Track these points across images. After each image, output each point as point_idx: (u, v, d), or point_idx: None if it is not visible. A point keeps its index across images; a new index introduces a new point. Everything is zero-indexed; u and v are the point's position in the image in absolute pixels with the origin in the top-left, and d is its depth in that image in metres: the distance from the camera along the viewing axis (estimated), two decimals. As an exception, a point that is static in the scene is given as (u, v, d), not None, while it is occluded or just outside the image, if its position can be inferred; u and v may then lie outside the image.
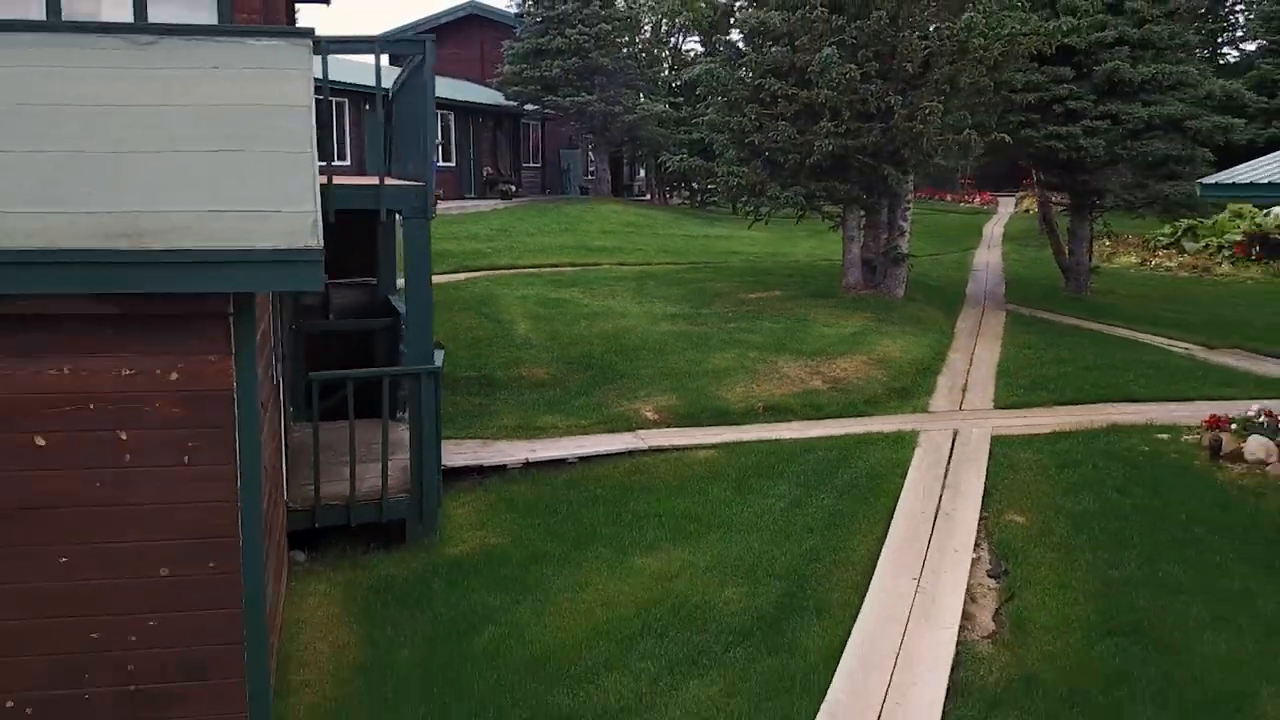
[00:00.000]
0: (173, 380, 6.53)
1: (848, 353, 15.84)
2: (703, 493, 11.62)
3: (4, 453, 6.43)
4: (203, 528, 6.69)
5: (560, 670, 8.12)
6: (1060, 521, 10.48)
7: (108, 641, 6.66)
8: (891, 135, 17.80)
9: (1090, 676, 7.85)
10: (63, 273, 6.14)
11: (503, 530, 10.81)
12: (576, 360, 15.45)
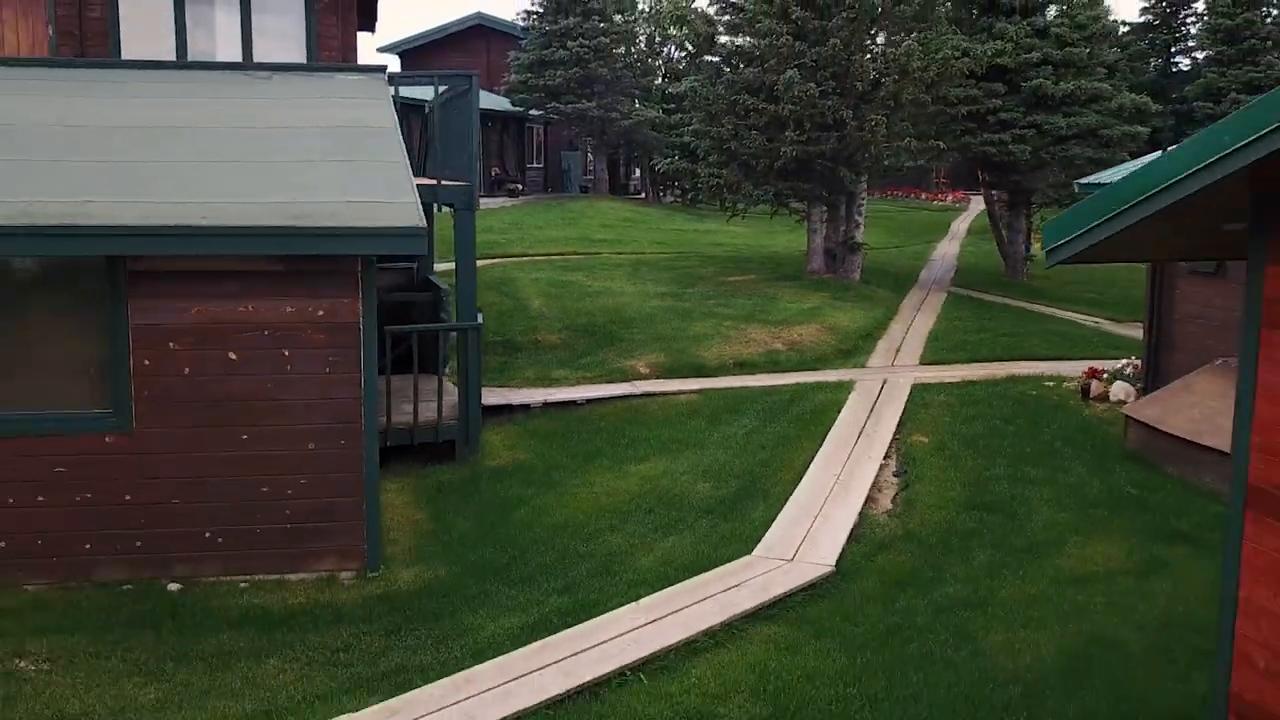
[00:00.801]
0: (319, 315, 9.58)
1: (805, 322, 18.89)
2: (683, 424, 14.66)
3: (209, 362, 9.49)
4: (337, 416, 9.74)
5: (575, 531, 11.17)
6: (953, 440, 13.52)
7: (274, 493, 9.71)
8: (845, 143, 20.82)
9: (952, 533, 10.90)
10: (256, 242, 9.19)
11: (528, 449, 13.85)
12: (582, 329, 18.47)
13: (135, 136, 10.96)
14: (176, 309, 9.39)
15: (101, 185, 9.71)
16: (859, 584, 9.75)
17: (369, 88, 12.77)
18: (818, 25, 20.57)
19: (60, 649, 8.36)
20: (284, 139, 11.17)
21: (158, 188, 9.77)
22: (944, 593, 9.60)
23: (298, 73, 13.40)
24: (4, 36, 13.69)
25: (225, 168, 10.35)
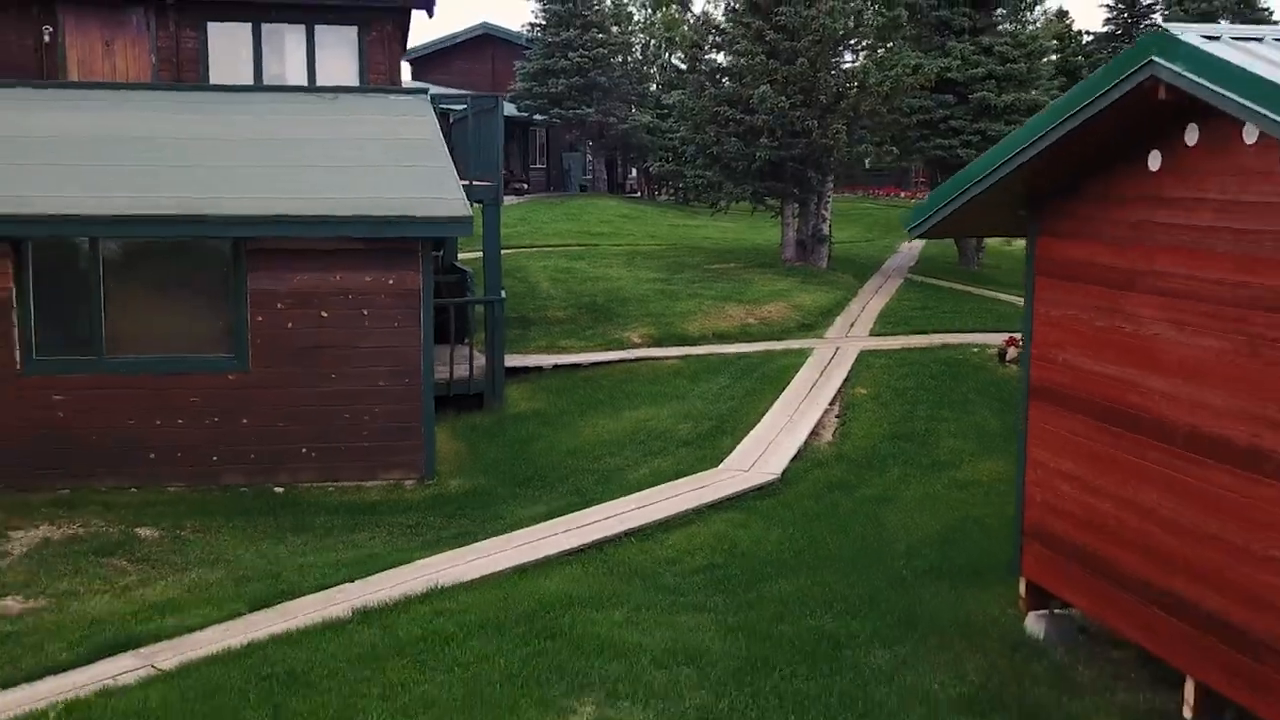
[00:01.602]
0: (390, 284, 12.48)
1: (775, 301, 21.77)
2: (668, 382, 17.54)
3: (306, 319, 12.38)
4: (402, 362, 12.64)
5: (582, 456, 14.07)
6: (887, 392, 16.41)
7: (354, 419, 12.60)
8: (812, 148, 23.68)
9: (875, 455, 13.80)
10: (344, 227, 12.08)
11: (542, 401, 16.75)
12: (584, 307, 21.34)
13: (233, 146, 13.86)
14: (282, 278, 12.27)
15: (221, 184, 12.60)
16: (797, 487, 12.67)
17: (415, 106, 15.67)
18: (788, 46, 23.42)
19: (207, 525, 11.27)
20: (352, 148, 14.06)
21: (263, 186, 12.66)
22: (862, 493, 12.51)
23: (355, 94, 16.32)
24: (116, 64, 16.55)
25: (311, 171, 13.25)
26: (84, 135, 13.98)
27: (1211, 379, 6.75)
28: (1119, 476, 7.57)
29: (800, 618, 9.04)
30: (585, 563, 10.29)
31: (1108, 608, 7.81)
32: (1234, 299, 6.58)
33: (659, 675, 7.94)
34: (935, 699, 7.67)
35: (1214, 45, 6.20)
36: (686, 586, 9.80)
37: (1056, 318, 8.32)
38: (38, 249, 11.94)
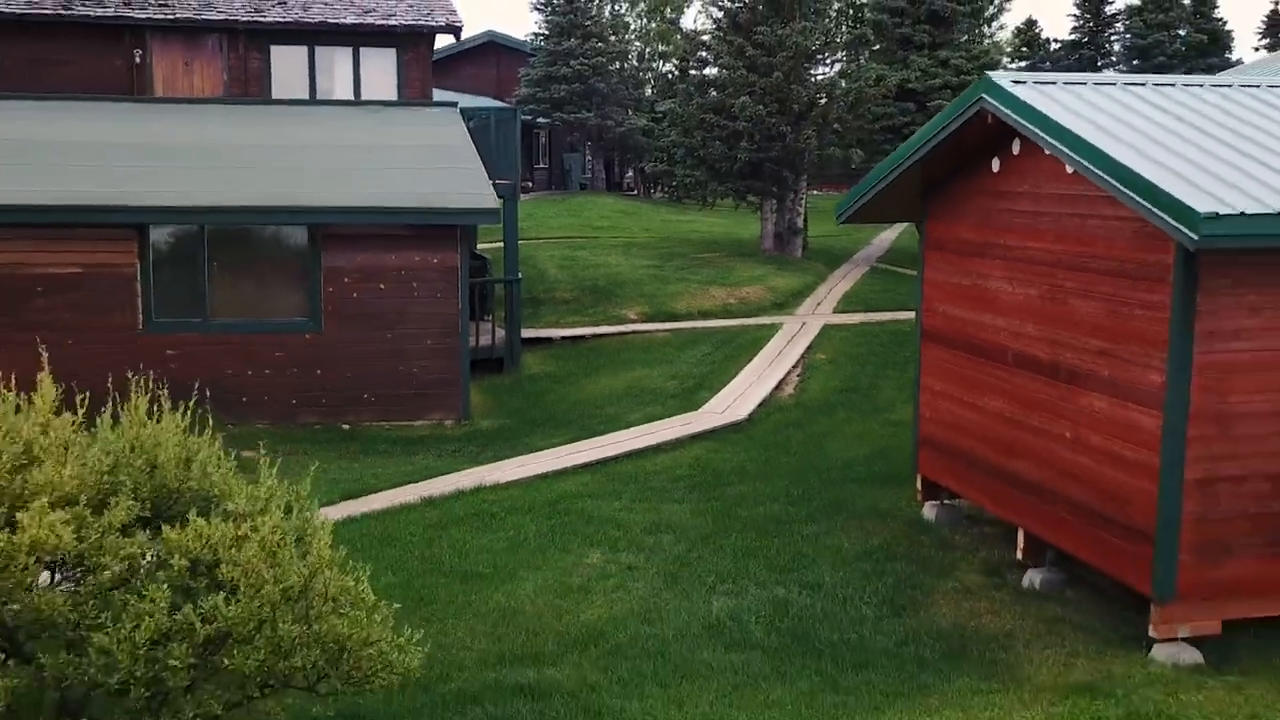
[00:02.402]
0: (434, 262, 15.31)
1: (753, 285, 24.62)
2: (659, 350, 20.37)
3: (367, 290, 15.20)
4: (445, 324, 15.47)
5: (587, 405, 16.90)
6: (842, 356, 19.24)
7: (405, 371, 15.41)
8: (786, 151, 26.49)
9: (827, 403, 16.64)
10: (399, 215, 14.91)
11: (553, 365, 19.58)
12: (587, 289, 24.16)
13: (297, 151, 16.67)
14: (349, 257, 15.10)
15: (294, 182, 15.42)
16: (761, 426, 15.52)
17: (447, 117, 18.49)
18: (765, 61, 26.23)
19: (295, 450, 14.09)
20: (398, 153, 16.89)
21: (329, 183, 15.49)
22: (811, 429, 15.36)
23: (396, 107, 19.15)
24: (194, 82, 19.36)
25: (365, 171, 16.08)
26: (174, 142, 16.79)
27: (1029, 317, 9.62)
28: (974, 390, 10.44)
29: (753, 506, 11.91)
30: (592, 473, 13.15)
31: (969, 486, 10.68)
32: (1045, 260, 9.43)
33: (647, 538, 10.80)
34: (845, 552, 10.53)
35: (1018, 88, 9.06)
36: (669, 488, 12.67)
37: (937, 280, 11.19)
38: (156, 233, 14.76)
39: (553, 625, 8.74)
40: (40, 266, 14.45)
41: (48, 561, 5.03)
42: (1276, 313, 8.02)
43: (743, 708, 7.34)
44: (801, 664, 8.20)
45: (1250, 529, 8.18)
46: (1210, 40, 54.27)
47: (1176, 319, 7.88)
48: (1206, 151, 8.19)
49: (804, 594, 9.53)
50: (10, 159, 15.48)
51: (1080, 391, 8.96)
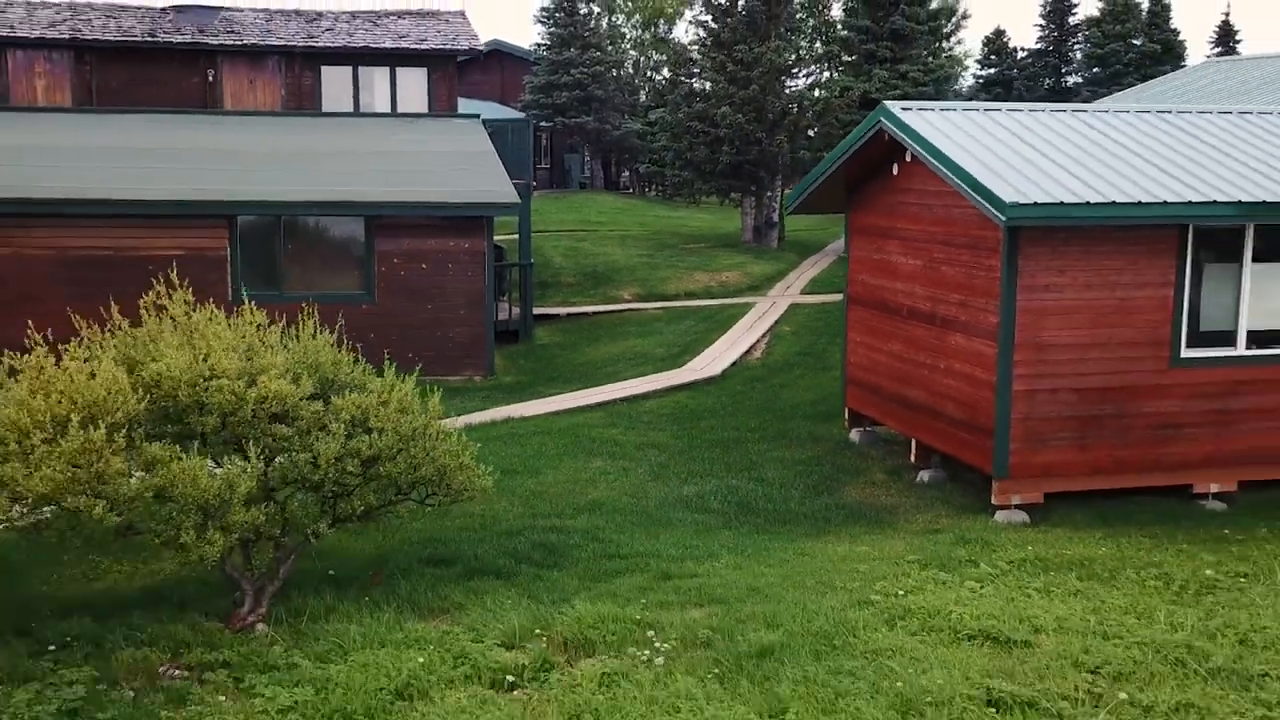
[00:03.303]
0: (466, 247, 18.57)
1: (732, 270, 27.85)
2: (650, 324, 23.60)
3: (412, 269, 18.46)
4: (474, 297, 18.71)
5: (589, 366, 20.14)
6: (803, 328, 22.48)
7: (443, 336, 18.66)
8: (763, 155, 29.72)
9: (787, 364, 19.87)
10: (439, 209, 18.18)
11: (560, 336, 22.81)
12: (588, 274, 27.38)
13: (348, 156, 19.88)
14: (397, 243, 18.31)
15: (349, 181, 18.63)
16: (731, 380, 18.76)
17: (472, 126, 21.71)
18: (744, 75, 29.45)
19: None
20: (432, 157, 20.09)
21: (378, 182, 18.70)
22: (772, 383, 18.60)
23: (428, 118, 22.38)
24: (257, 97, 22.55)
25: (408, 173, 19.29)
26: (244, 148, 19.99)
27: (916, 281, 12.86)
28: (882, 338, 13.69)
29: (719, 433, 15.16)
30: (595, 411, 16.40)
31: (879, 412, 13.94)
32: (926, 239, 12.67)
33: (637, 452, 14.05)
34: (785, 460, 13.80)
35: (904, 114, 12.30)
36: (656, 421, 15.92)
37: (858, 257, 14.45)
38: (243, 223, 17.96)
39: (569, 499, 12.00)
40: (149, 249, 17.64)
41: (273, 412, 8.21)
42: (1077, 273, 11.27)
43: (699, 541, 10.58)
44: (743, 521, 11.47)
45: (1060, 427, 11.43)
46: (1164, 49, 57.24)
47: (1005, 277, 11.12)
48: (1026, 159, 11.45)
49: (751, 484, 12.79)
50: (118, 162, 18.68)
51: (948, 333, 12.22)
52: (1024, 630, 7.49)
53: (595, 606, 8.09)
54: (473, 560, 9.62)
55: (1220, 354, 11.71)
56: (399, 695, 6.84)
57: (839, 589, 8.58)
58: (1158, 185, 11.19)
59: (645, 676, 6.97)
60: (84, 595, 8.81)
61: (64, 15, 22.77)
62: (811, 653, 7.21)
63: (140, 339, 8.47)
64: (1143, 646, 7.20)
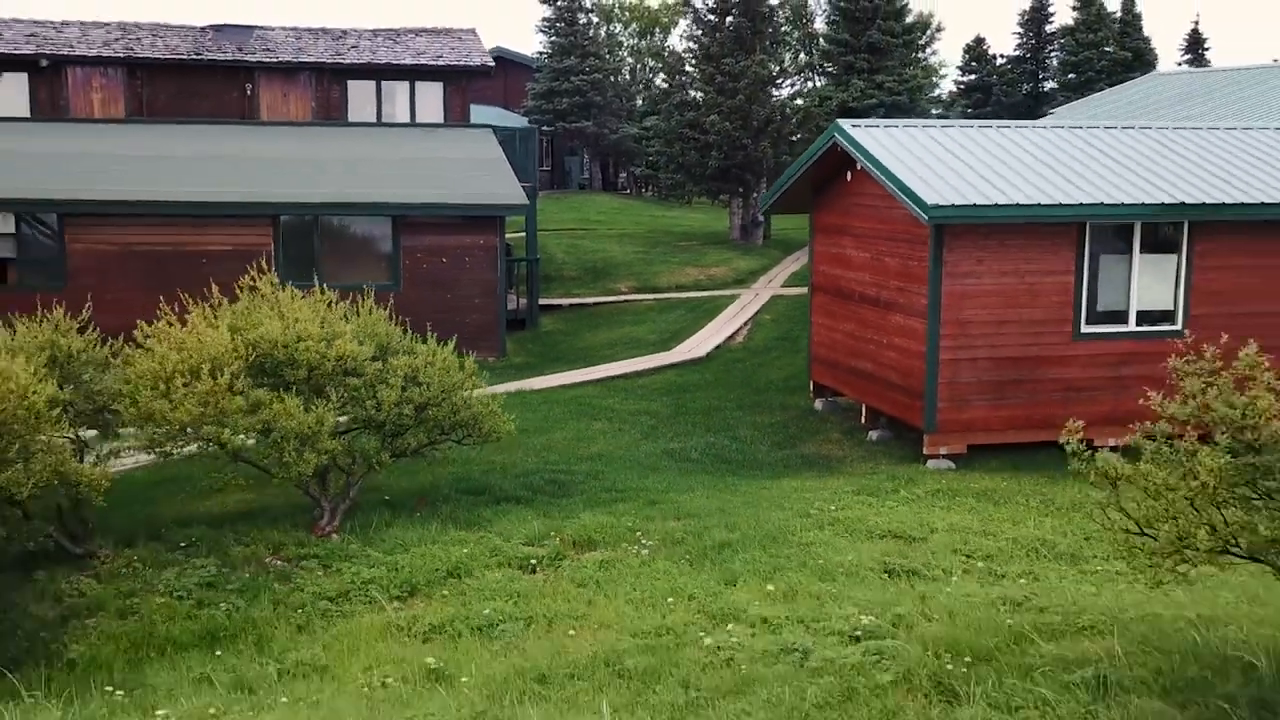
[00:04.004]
0: (481, 243, 20.82)
1: (720, 266, 30.09)
2: (645, 313, 25.83)
3: (433, 262, 20.69)
4: (488, 287, 20.95)
5: (590, 349, 22.39)
6: (782, 317, 24.71)
7: (461, 319, 20.90)
8: (748, 159, 31.97)
9: (765, 348, 22.12)
10: (456, 209, 20.43)
11: (563, 324, 25.06)
12: (588, 269, 29.62)
13: (373, 163, 22.09)
14: (420, 239, 20.52)
15: (376, 184, 20.86)
16: (715, 360, 21.01)
17: (483, 135, 23.94)
18: (731, 86, 31.70)
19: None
20: (450, 164, 22.32)
21: (404, 185, 20.92)
22: (751, 363, 20.85)
23: (444, 128, 24.61)
24: (290, 109, 24.76)
25: (428, 177, 21.52)
26: (280, 155, 22.18)
27: (865, 270, 15.11)
28: (837, 320, 15.94)
29: (703, 403, 17.41)
30: (595, 385, 18.65)
31: (837, 382, 16.19)
32: (873, 235, 14.91)
33: (631, 417, 16.30)
34: (756, 424, 16.05)
35: (853, 130, 14.54)
36: (648, 394, 18.16)
37: (819, 250, 16.70)
38: (284, 221, 20.18)
39: (574, 452, 14.25)
40: (202, 244, 19.86)
41: (346, 368, 10.43)
42: (993, 262, 13.51)
43: (681, 480, 12.83)
44: (718, 467, 13.72)
45: (979, 389, 13.67)
46: (1135, 57, 59.41)
47: (932, 266, 13.36)
48: (951, 168, 13.70)
49: (726, 441, 15.05)
50: (171, 168, 20.90)
51: (890, 313, 14.47)
52: (922, 531, 9.75)
53: (596, 518, 10.36)
54: (498, 491, 11.87)
55: (1114, 330, 13.95)
56: (450, 574, 9.08)
57: (785, 508, 10.84)
58: (1058, 190, 13.44)
59: (634, 561, 9.23)
60: (196, 514, 11.07)
61: (115, 34, 24.95)
62: (759, 545, 9.46)
63: (239, 312, 10.71)
64: (1010, 540, 9.46)
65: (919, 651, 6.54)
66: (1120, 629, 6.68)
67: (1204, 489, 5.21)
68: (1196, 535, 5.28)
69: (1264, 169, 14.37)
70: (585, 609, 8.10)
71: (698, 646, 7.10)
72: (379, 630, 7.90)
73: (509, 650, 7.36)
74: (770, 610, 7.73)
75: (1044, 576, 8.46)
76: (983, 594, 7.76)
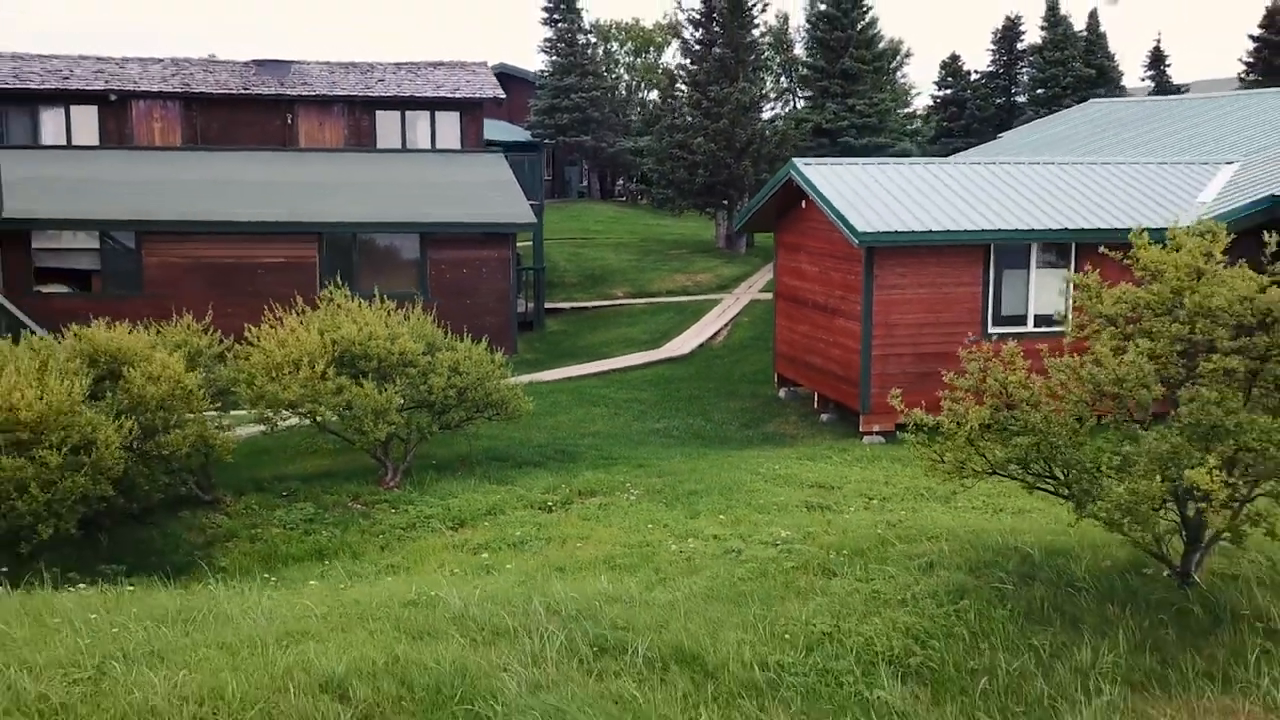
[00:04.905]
0: (495, 256, 23.89)
1: (706, 272, 33.15)
2: (638, 316, 28.88)
3: (456, 273, 23.79)
4: (502, 295, 24.04)
5: (589, 348, 25.45)
6: (759, 319, 27.73)
7: (481, 322, 23.97)
8: (731, 177, 35.05)
9: (741, 345, 25.16)
10: (474, 228, 23.51)
11: (566, 326, 28.11)
12: (588, 276, 32.67)
13: (400, 185, 25.13)
14: (443, 253, 23.56)
15: (405, 206, 23.90)
16: (698, 357, 24.07)
17: (496, 160, 26.99)
18: (716, 111, 34.76)
19: (416, 368, 22.62)
20: (468, 186, 25.36)
21: (428, 206, 23.97)
22: (728, 359, 23.90)
23: (462, 154, 27.66)
24: (326, 136, 27.77)
25: (449, 198, 24.56)
26: (321, 179, 25.21)
27: (816, 282, 18.17)
28: (796, 322, 19.00)
29: (686, 392, 20.48)
30: (595, 378, 21.71)
31: (796, 374, 19.26)
32: (823, 253, 17.97)
33: (625, 404, 19.36)
34: (729, 409, 19.12)
35: (804, 167, 17.60)
36: (640, 384, 21.22)
37: (782, 264, 19.76)
38: (328, 237, 23.19)
39: (578, 430, 17.30)
40: (260, 257, 22.89)
41: (406, 360, 13.46)
42: (915, 276, 16.55)
43: (664, 451, 15.87)
44: (695, 442, 16.78)
45: (904, 379, 16.67)
46: (1099, 74, 62.43)
47: (865, 280, 16.41)
48: (882, 200, 16.75)
49: (703, 422, 18.11)
50: (227, 190, 23.92)
51: (835, 318, 17.52)
52: (840, 482, 12.83)
53: (596, 475, 13.42)
54: (519, 458, 14.94)
55: (1016, 330, 17.00)
56: (489, 512, 12.14)
57: (741, 469, 13.90)
58: (966, 218, 16.51)
59: (624, 503, 12.29)
60: (287, 474, 14.12)
61: (171, 69, 27.96)
62: (718, 493, 12.53)
63: (323, 317, 13.78)
64: (903, 488, 12.53)
65: (815, 550, 9.58)
66: (952, 537, 9.71)
67: (973, 431, 8.24)
68: (971, 460, 8.31)
69: (1135, 199, 17.46)
70: (589, 532, 11.15)
71: (667, 551, 10.15)
72: (441, 546, 10.96)
73: (536, 556, 10.42)
74: (720, 530, 10.78)
75: (920, 510, 11.51)
76: (871, 520, 10.79)
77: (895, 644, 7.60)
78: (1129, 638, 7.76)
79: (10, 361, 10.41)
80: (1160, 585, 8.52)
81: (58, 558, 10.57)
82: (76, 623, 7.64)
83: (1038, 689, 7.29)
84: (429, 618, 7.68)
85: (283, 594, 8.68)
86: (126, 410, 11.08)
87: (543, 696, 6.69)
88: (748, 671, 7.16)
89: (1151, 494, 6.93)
